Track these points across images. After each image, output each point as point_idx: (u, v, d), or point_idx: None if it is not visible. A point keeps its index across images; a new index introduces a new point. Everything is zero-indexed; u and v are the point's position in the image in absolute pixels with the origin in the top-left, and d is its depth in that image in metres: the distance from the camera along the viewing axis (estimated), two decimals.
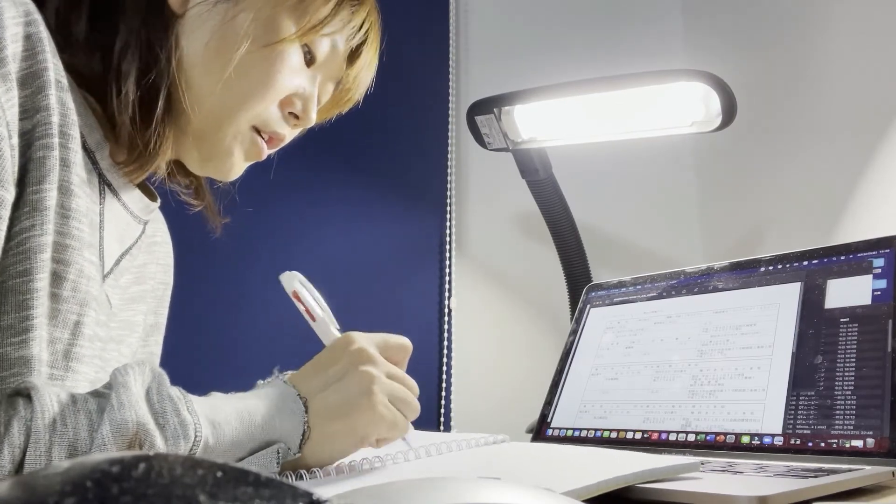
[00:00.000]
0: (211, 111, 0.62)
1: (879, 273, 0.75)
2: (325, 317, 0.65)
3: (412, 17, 1.39)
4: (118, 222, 0.64)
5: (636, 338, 0.92)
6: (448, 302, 1.32)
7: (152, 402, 0.49)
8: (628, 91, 1.00)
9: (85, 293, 0.55)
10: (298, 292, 0.65)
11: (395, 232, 1.31)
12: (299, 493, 0.22)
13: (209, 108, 0.62)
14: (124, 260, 0.66)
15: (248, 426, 0.53)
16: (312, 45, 0.65)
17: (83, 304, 0.55)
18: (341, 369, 0.59)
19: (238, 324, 1.12)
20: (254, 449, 0.54)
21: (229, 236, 1.14)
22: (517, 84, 1.08)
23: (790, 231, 1.24)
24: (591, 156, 1.23)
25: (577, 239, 1.18)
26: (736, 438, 0.74)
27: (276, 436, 0.55)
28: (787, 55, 1.26)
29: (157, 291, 0.76)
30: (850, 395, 0.69)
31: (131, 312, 0.69)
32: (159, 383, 0.50)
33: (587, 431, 0.87)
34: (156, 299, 0.76)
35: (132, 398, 0.47)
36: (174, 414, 0.49)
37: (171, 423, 0.48)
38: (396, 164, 1.33)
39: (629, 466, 0.54)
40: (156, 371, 0.51)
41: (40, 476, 0.21)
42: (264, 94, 0.62)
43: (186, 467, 0.22)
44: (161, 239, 0.76)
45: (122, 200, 0.64)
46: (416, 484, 0.34)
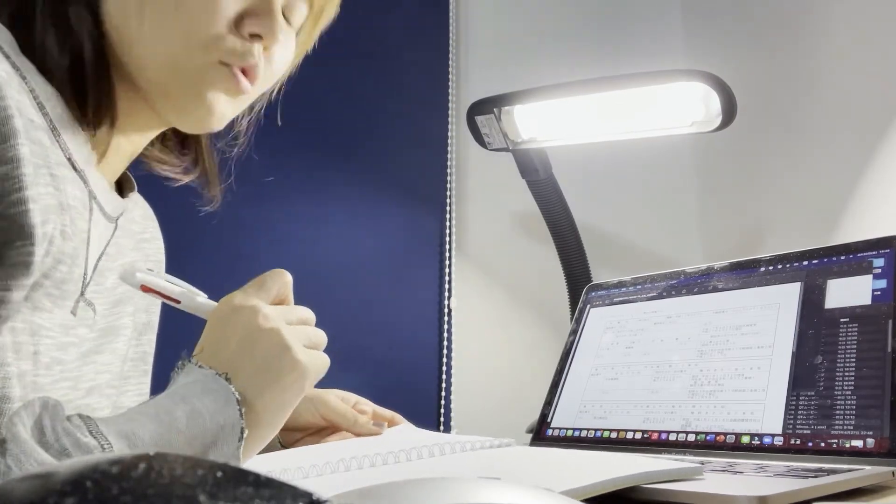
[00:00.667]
0: (159, 56, 0.58)
1: (879, 273, 0.75)
2: (187, 292, 0.61)
3: (412, 17, 1.39)
4: (98, 229, 0.62)
5: (636, 338, 0.92)
6: (448, 302, 1.32)
7: (49, 442, 0.46)
8: (628, 91, 1.00)
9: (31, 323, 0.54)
10: (147, 283, 0.60)
11: (395, 232, 1.31)
12: (299, 493, 0.22)
13: (154, 53, 0.58)
14: (102, 261, 0.65)
15: (167, 423, 0.50)
16: None
17: (34, 333, 0.54)
18: (244, 335, 0.55)
19: None
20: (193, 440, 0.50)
21: (229, 236, 1.15)
22: (517, 84, 1.08)
23: (790, 231, 1.24)
24: (591, 156, 1.23)
25: (577, 239, 1.18)
26: (736, 438, 0.74)
27: (210, 420, 0.51)
28: (787, 55, 1.26)
29: None
30: (850, 395, 0.69)
31: (116, 316, 0.67)
32: (52, 417, 0.47)
33: (587, 431, 0.87)
34: (147, 297, 0.75)
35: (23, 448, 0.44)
36: (74, 446, 0.46)
37: (73, 456, 0.46)
38: (396, 164, 1.33)
39: (629, 468, 0.54)
40: (47, 404, 0.48)
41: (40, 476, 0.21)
42: (207, 18, 0.57)
43: (186, 467, 0.22)
44: (151, 235, 0.75)
45: (103, 207, 0.62)
46: (416, 484, 0.34)
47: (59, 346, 0.57)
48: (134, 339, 0.73)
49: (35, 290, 0.53)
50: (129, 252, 0.69)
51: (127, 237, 0.69)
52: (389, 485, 0.34)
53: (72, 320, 0.59)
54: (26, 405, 0.47)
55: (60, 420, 0.47)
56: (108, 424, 0.48)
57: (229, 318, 0.57)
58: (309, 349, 0.57)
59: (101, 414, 0.64)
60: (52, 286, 0.55)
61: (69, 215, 0.55)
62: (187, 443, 0.50)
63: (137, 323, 0.73)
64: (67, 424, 0.47)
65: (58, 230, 0.54)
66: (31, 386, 0.53)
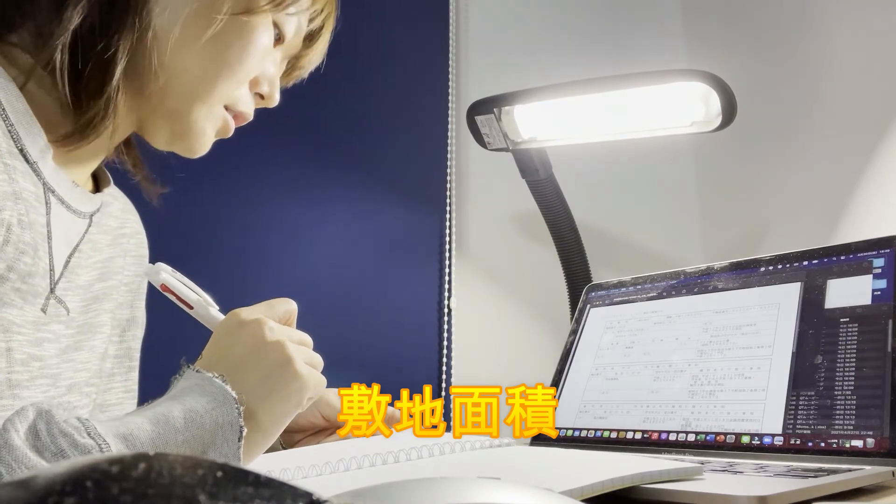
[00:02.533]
0: (186, 90, 0.62)
1: (879, 273, 0.75)
2: (203, 301, 0.63)
3: (412, 17, 1.39)
4: (64, 225, 0.63)
5: (636, 338, 0.92)
6: (448, 302, 1.32)
7: (45, 445, 0.46)
8: (628, 91, 1.00)
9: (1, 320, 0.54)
10: (168, 284, 0.63)
11: (395, 231, 1.31)
12: (299, 493, 0.22)
13: (184, 86, 0.62)
14: (74, 259, 0.65)
15: (164, 424, 0.50)
16: (281, 23, 0.66)
17: (6, 330, 0.54)
18: (249, 346, 0.57)
19: None
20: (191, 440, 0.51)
21: (229, 236, 1.15)
22: (517, 84, 1.08)
23: (790, 231, 1.24)
24: (591, 156, 1.23)
25: (577, 239, 1.18)
26: (736, 438, 0.74)
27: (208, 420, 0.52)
28: (787, 55, 1.26)
29: (132, 284, 0.75)
30: (850, 395, 0.69)
31: (93, 313, 0.68)
32: (47, 422, 0.47)
33: (587, 431, 0.87)
34: (130, 293, 0.75)
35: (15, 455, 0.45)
36: (71, 447, 0.46)
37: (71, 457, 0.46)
38: (396, 163, 1.33)
39: (629, 468, 0.54)
40: (41, 410, 0.48)
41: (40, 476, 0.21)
42: (237, 73, 0.63)
43: (186, 467, 0.22)
44: (131, 230, 0.75)
45: (66, 202, 0.63)
46: (416, 483, 0.34)
47: (33, 343, 0.58)
48: (116, 336, 0.73)
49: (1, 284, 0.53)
50: (105, 248, 0.70)
51: (103, 233, 0.70)
52: (389, 485, 0.34)
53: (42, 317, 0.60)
54: (19, 412, 0.47)
55: (56, 423, 0.47)
56: (106, 426, 0.48)
57: (235, 330, 0.59)
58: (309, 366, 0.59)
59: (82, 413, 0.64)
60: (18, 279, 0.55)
61: (23, 205, 0.55)
62: (185, 443, 0.50)
63: (119, 319, 0.73)
64: (64, 426, 0.47)
65: (14, 218, 0.54)
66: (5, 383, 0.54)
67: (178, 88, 0.62)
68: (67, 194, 0.62)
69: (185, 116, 0.64)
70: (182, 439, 0.50)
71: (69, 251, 0.64)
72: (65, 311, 0.62)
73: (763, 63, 1.31)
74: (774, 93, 1.28)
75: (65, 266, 0.63)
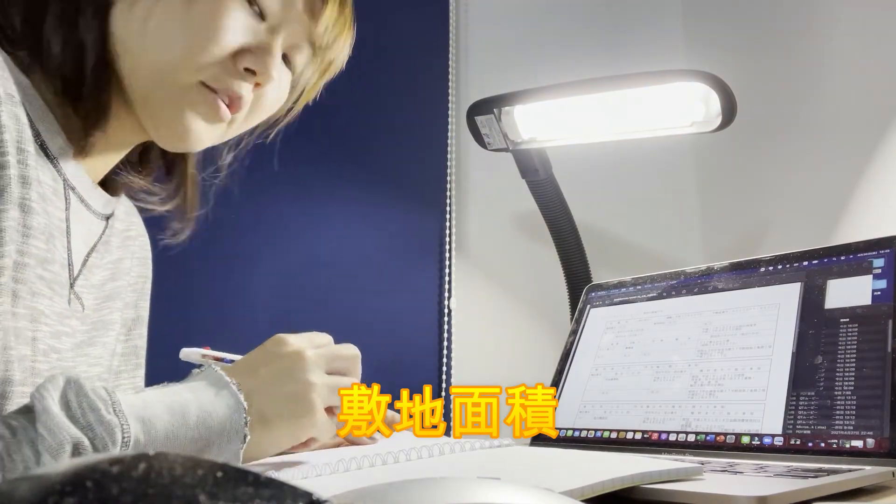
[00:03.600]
0: (148, 68, 0.59)
1: (879, 273, 0.75)
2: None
3: (412, 17, 1.39)
4: (83, 223, 0.64)
5: (636, 338, 0.92)
6: (448, 302, 1.32)
7: (76, 416, 0.47)
8: (628, 91, 1.00)
9: (32, 309, 0.55)
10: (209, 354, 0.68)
11: (395, 232, 1.31)
12: (299, 493, 0.22)
13: (148, 65, 0.59)
14: (91, 258, 0.65)
15: (180, 417, 0.52)
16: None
17: (34, 320, 0.55)
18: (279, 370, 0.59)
19: (237, 323, 1.12)
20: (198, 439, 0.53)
21: (229, 237, 1.15)
22: (517, 84, 1.08)
23: (790, 231, 1.24)
24: (591, 156, 1.23)
25: (577, 239, 1.18)
26: (736, 439, 0.74)
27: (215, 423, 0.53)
28: (786, 55, 1.26)
29: (137, 285, 0.76)
30: (850, 396, 0.69)
31: (106, 311, 0.69)
32: (77, 392, 0.48)
33: (587, 432, 0.87)
34: (135, 293, 0.76)
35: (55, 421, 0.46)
36: (98, 423, 0.48)
37: (97, 431, 0.47)
38: (396, 164, 1.33)
39: (629, 468, 0.54)
40: (70, 379, 0.49)
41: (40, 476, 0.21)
42: (205, 44, 0.58)
43: (187, 467, 0.22)
44: (136, 233, 0.76)
45: (85, 201, 0.63)
46: (415, 484, 0.34)
47: (53, 335, 0.58)
48: (123, 335, 0.74)
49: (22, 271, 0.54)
50: (115, 250, 0.71)
51: (114, 235, 0.70)
52: (389, 485, 0.34)
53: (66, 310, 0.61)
54: (50, 379, 0.49)
55: (85, 395, 0.48)
56: (130, 405, 0.50)
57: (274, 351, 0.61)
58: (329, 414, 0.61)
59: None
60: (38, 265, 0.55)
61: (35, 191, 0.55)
62: (192, 441, 0.52)
63: (126, 319, 0.74)
64: (93, 399, 0.48)
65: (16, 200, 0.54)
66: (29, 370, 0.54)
67: (141, 70, 0.59)
68: (87, 193, 0.63)
69: (157, 100, 0.60)
70: (191, 436, 0.52)
71: (87, 250, 0.65)
72: (80, 308, 0.63)
73: (763, 63, 1.31)
74: (774, 93, 1.28)
75: (83, 264, 0.64)
